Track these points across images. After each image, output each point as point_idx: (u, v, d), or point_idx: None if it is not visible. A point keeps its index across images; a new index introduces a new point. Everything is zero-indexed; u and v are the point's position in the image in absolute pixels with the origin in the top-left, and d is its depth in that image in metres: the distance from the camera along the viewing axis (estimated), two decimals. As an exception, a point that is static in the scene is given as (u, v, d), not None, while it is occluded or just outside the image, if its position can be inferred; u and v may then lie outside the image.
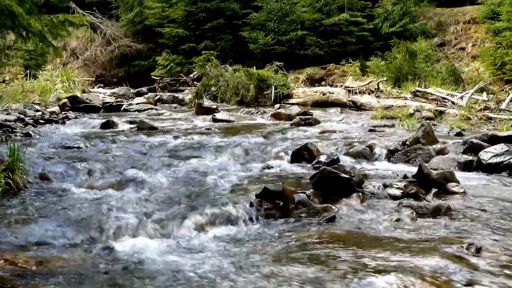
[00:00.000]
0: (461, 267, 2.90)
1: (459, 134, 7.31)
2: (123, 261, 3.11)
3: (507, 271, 2.85)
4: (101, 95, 13.42)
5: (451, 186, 4.59)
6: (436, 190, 4.53)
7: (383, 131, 7.81)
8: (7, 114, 8.48)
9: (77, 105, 10.86)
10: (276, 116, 9.70)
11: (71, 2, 18.48)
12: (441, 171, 4.88)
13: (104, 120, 8.60)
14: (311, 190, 4.31)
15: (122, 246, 3.32)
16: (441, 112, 9.54)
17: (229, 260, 3.10)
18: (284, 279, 2.81)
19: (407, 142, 6.28)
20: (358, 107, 11.30)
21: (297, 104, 11.43)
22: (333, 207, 4.07)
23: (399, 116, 9.13)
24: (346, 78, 14.30)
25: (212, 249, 3.34)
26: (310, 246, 3.32)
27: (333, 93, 11.92)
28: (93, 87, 15.90)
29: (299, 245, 3.36)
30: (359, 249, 3.24)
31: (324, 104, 11.57)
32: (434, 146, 6.12)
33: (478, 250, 3.16)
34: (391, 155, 6.03)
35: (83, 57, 19.85)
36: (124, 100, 12.90)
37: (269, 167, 5.55)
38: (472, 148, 5.86)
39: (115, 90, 15.19)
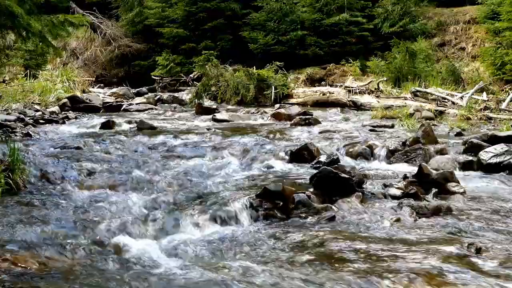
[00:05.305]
0: (461, 267, 2.90)
1: (459, 134, 7.31)
2: (123, 261, 3.11)
3: (507, 271, 2.85)
4: (101, 95, 13.42)
5: (451, 186, 4.58)
6: (436, 190, 4.53)
7: (383, 131, 7.81)
8: (7, 114, 8.48)
9: (77, 105, 10.85)
10: (276, 116, 9.70)
11: (71, 2, 18.45)
12: (441, 171, 4.88)
13: (104, 120, 8.60)
14: (311, 190, 4.31)
15: (122, 246, 3.32)
16: (441, 112, 9.55)
17: (229, 260, 3.11)
18: (284, 279, 2.81)
19: (407, 142, 6.28)
20: (358, 107, 11.30)
21: (297, 104, 11.44)
22: (333, 207, 4.07)
23: (399, 116, 9.14)
24: (346, 78, 14.29)
25: (212, 249, 3.34)
26: (310, 246, 3.32)
27: (333, 93, 11.92)
28: (93, 87, 15.88)
29: (299, 245, 3.36)
30: (359, 249, 3.24)
31: (324, 104, 11.58)
32: (434, 146, 6.12)
33: (478, 250, 3.16)
34: (391, 155, 6.02)
35: (83, 57, 19.82)
36: (124, 100, 12.90)
37: (269, 167, 5.55)
38: (472, 148, 5.86)
39: (115, 90, 15.17)
